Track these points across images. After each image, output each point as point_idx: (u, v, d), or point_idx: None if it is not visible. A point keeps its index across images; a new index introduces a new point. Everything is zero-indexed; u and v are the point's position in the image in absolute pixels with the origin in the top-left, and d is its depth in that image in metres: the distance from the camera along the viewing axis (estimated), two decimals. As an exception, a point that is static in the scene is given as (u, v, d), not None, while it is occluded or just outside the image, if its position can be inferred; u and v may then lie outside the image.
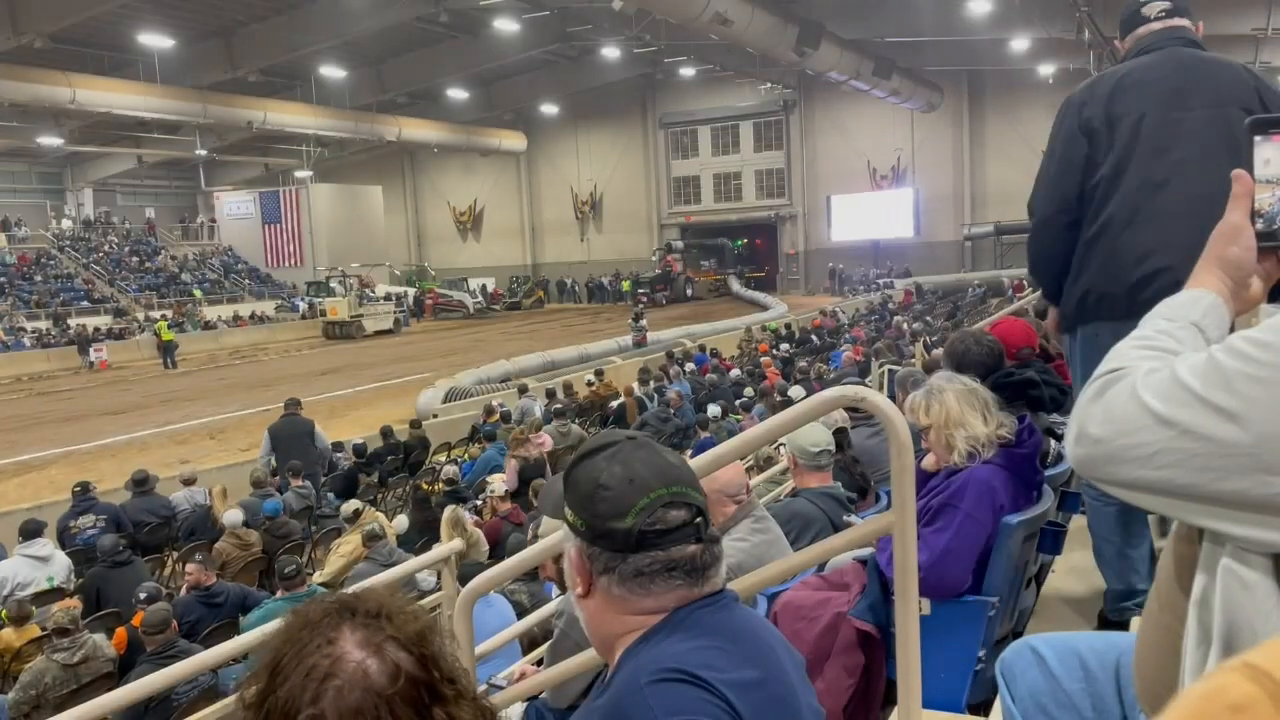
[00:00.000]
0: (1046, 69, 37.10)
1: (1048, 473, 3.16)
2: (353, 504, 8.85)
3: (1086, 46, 30.27)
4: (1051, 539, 3.18)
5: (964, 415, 2.80)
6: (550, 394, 15.48)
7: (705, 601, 1.34)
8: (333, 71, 36.83)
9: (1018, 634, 2.97)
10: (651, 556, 1.31)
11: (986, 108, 42.69)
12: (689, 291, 45.09)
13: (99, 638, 6.15)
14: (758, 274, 49.37)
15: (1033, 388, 3.35)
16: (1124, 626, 2.91)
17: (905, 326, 20.97)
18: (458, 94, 43.03)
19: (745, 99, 47.00)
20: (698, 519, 1.34)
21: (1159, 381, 0.95)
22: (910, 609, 2.00)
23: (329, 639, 1.08)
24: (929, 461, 2.85)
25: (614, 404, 14.65)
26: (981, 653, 2.72)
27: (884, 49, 34.95)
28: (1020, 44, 33.76)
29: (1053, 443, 3.35)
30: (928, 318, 25.97)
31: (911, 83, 38.96)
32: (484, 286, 47.63)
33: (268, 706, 1.06)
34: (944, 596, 2.65)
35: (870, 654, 2.77)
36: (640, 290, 43.46)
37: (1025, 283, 30.71)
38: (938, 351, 8.81)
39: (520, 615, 4.66)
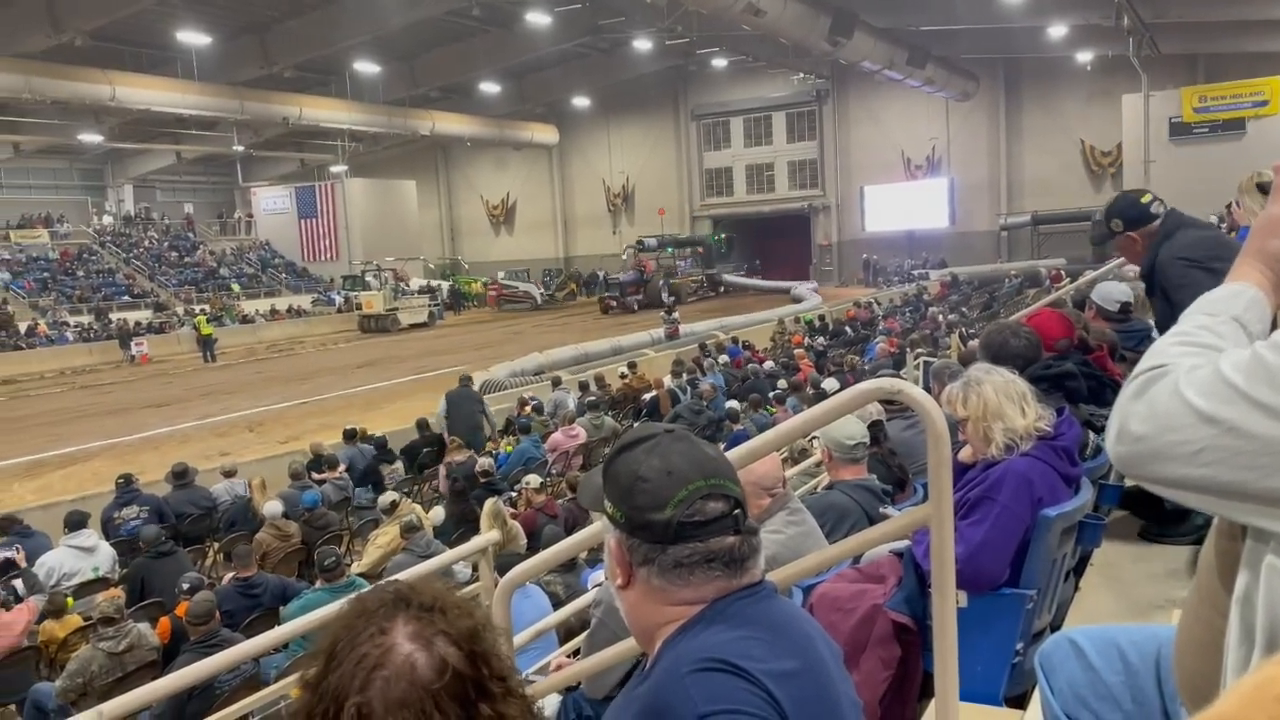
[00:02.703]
0: (1084, 56, 36.60)
1: (1086, 465, 3.13)
2: (390, 495, 8.94)
3: (1125, 33, 29.83)
4: (1091, 532, 3.16)
5: (1002, 407, 2.78)
6: (583, 387, 15.52)
7: (744, 592, 1.35)
8: (367, 67, 37.08)
9: (1056, 627, 2.95)
10: (690, 548, 1.33)
11: (1023, 96, 42.13)
12: (666, 295, 38.09)
13: (143, 626, 6.26)
14: (739, 274, 47.41)
15: (1071, 379, 3.32)
16: None
17: (940, 318, 20.78)
18: (490, 88, 43.18)
19: (778, 90, 46.72)
20: (736, 510, 1.36)
21: (1202, 378, 0.94)
22: (947, 602, 1.99)
23: (382, 629, 1.10)
24: (966, 454, 2.84)
25: (647, 397, 14.67)
26: (1019, 645, 2.71)
27: (918, 38, 34.61)
28: (1058, 31, 33.32)
29: (1092, 435, 3.32)
30: (963, 309, 25.73)
31: (946, 71, 38.56)
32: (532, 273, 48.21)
33: (322, 689, 1.09)
34: (981, 589, 2.65)
35: (906, 646, 2.77)
36: (609, 295, 40.50)
37: (1063, 273, 30.37)
38: (974, 343, 8.74)
39: (556, 606, 4.69)
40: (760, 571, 1.39)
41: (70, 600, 6.95)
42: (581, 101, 48.07)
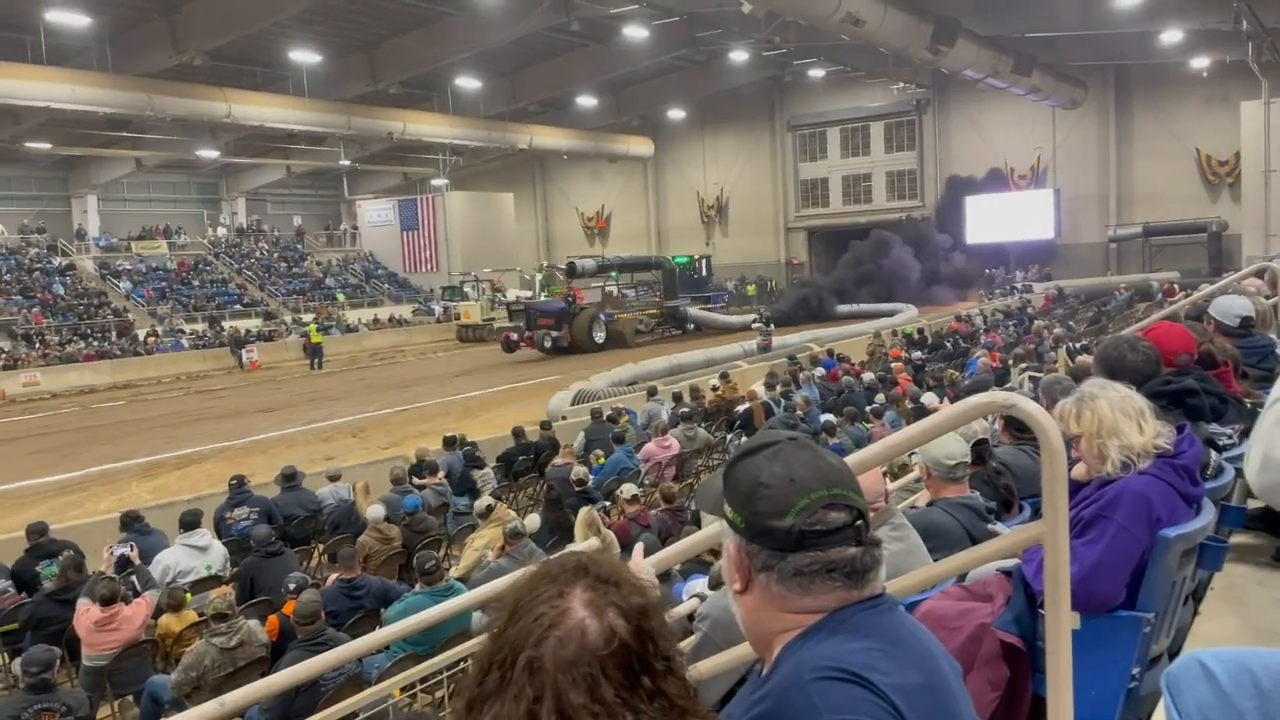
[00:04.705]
0: (1200, 62, 35.27)
1: (1208, 485, 3.01)
2: (485, 500, 9.11)
3: (1245, 38, 28.66)
4: (1212, 554, 3.02)
5: (1118, 424, 2.69)
6: (677, 398, 15.54)
7: (867, 604, 1.34)
8: (468, 82, 37.97)
9: (1174, 653, 2.84)
10: (811, 556, 1.32)
11: (1134, 103, 40.76)
12: (597, 335, 31.08)
13: (254, 624, 6.49)
14: (705, 302, 37.98)
15: (1191, 396, 3.19)
16: None
17: (1046, 332, 20.19)
18: (586, 101, 43.73)
19: (876, 99, 46.20)
20: (858, 521, 1.35)
21: None
22: (1061, 623, 1.94)
23: (561, 593, 1.17)
24: (1079, 471, 2.75)
25: (740, 408, 14.60)
26: (1136, 670, 2.61)
27: (1024, 44, 33.80)
28: (1172, 36, 32.18)
29: (1214, 454, 3.18)
30: (1070, 322, 24.96)
31: (1053, 79, 37.55)
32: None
33: (502, 640, 1.17)
34: (1095, 611, 2.56)
35: (1015, 668, 2.69)
36: (509, 328, 31.06)
37: (1176, 286, 29.22)
38: (1083, 358, 8.47)
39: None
40: (882, 584, 1.38)
41: (188, 596, 7.22)
42: (677, 113, 48.30)
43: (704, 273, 39.67)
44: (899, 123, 47.16)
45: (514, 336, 30.17)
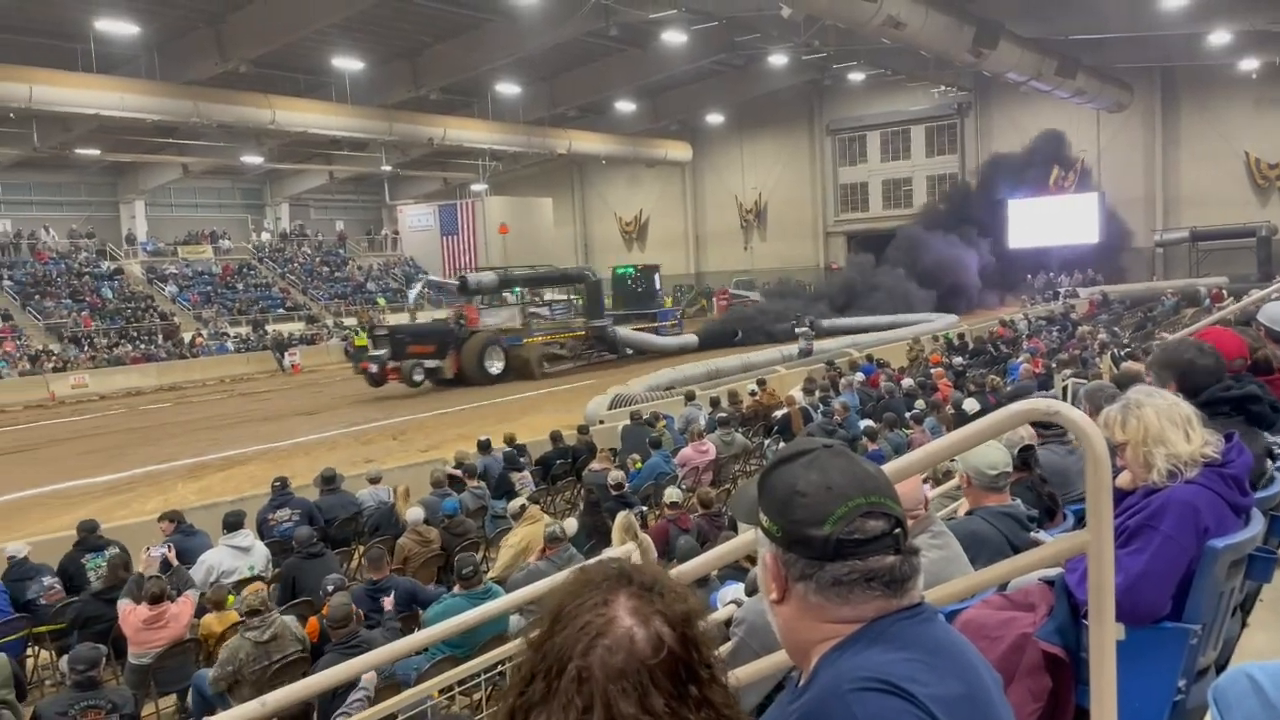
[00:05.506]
0: (1249, 64, 34.62)
1: (1258, 495, 2.95)
2: (519, 501, 9.17)
3: (1296, 37, 28.09)
4: (1261, 566, 2.96)
5: (1164, 432, 2.64)
6: (714, 402, 15.50)
7: (906, 613, 1.33)
8: (508, 88, 38.25)
9: (1221, 666, 2.78)
10: (850, 565, 1.31)
11: (1181, 106, 40.08)
12: (492, 365, 26.06)
13: (288, 618, 6.58)
14: (651, 321, 32.85)
15: (1254, 403, 3.12)
16: None
17: (1090, 339, 19.89)
18: (625, 106, 43.86)
19: (917, 103, 45.83)
20: (896, 530, 1.34)
21: None
22: (1106, 633, 1.91)
23: (605, 600, 1.17)
24: (1124, 479, 2.71)
25: (778, 414, 14.53)
26: (1182, 683, 2.56)
27: (1068, 47, 33.40)
28: (1220, 38, 31.61)
29: (1269, 464, 3.11)
30: (1115, 328, 24.57)
31: (1098, 81, 37.03)
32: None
33: (545, 649, 1.16)
34: (1140, 622, 2.52)
35: (1057, 678, 2.65)
36: (369, 359, 24.70)
37: (1224, 292, 28.66)
38: (1128, 364, 8.33)
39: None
40: (920, 593, 1.36)
41: (231, 597, 7.31)
42: (715, 118, 48.27)
43: (653, 286, 35.21)
44: (940, 126, 46.77)
45: (372, 368, 24.48)
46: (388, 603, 7.00)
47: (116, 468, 16.15)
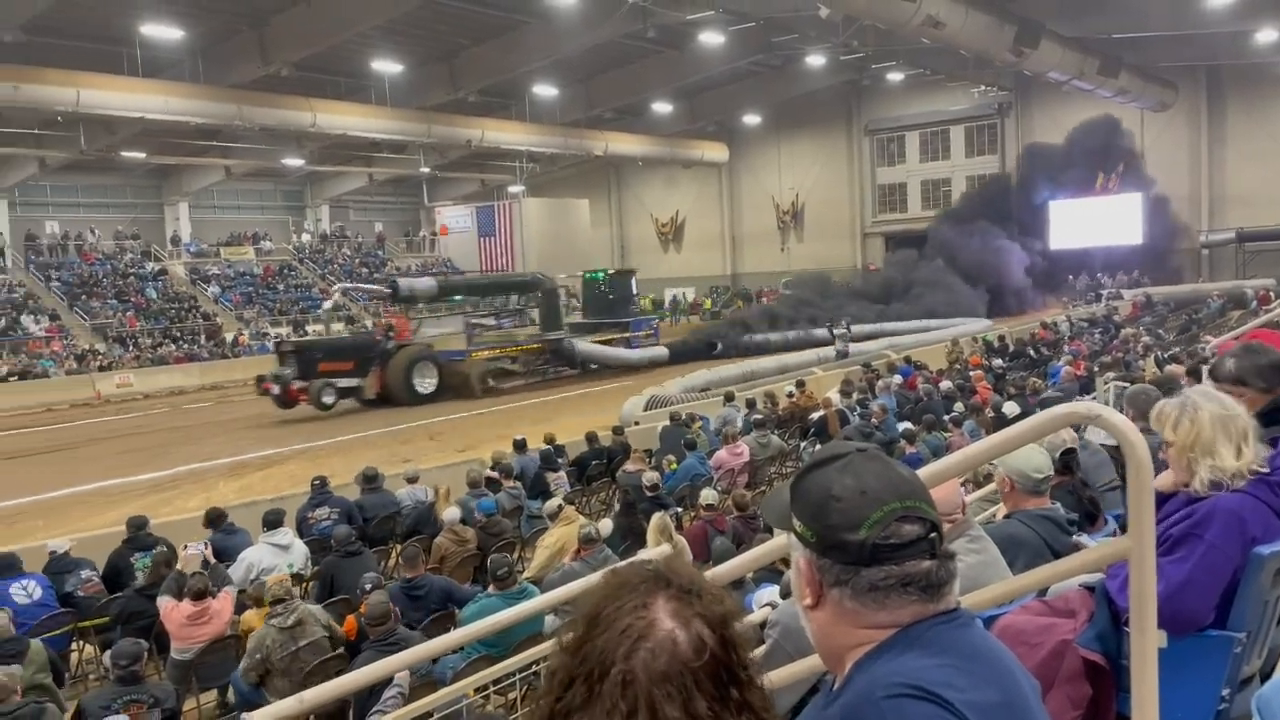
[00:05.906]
0: (1299, 61, 33.91)
1: (1305, 503, 2.88)
2: (554, 502, 9.20)
3: (1348, 33, 27.49)
4: (1307, 574, 2.90)
5: (1215, 443, 2.56)
6: (750, 404, 15.46)
7: (942, 618, 1.32)
8: (545, 90, 38.38)
9: (1266, 675, 2.73)
10: (885, 571, 1.30)
11: (1228, 105, 39.32)
12: (422, 383, 23.52)
13: (314, 606, 6.68)
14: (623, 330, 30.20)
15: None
16: None
17: (1132, 342, 19.57)
18: (662, 107, 43.85)
19: (956, 103, 45.35)
20: (932, 534, 1.32)
21: None
22: (1148, 641, 1.88)
23: (644, 603, 1.15)
24: (1165, 481, 2.65)
25: (814, 416, 14.46)
26: (1226, 692, 2.52)
27: (1111, 45, 32.92)
28: (1267, 36, 31.01)
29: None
30: (1159, 331, 24.18)
31: (1142, 80, 36.44)
32: (684, 295, 47.76)
33: (584, 653, 1.14)
34: (1180, 631, 2.47)
35: (1098, 686, 2.62)
36: (271, 379, 22.12)
37: (1272, 294, 28.09)
38: (1171, 367, 8.21)
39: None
40: (956, 597, 1.35)
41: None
42: (752, 119, 48.12)
43: (628, 292, 32.32)
44: (980, 126, 46.27)
45: (274, 389, 21.96)
46: None
47: (160, 465, 16.41)
